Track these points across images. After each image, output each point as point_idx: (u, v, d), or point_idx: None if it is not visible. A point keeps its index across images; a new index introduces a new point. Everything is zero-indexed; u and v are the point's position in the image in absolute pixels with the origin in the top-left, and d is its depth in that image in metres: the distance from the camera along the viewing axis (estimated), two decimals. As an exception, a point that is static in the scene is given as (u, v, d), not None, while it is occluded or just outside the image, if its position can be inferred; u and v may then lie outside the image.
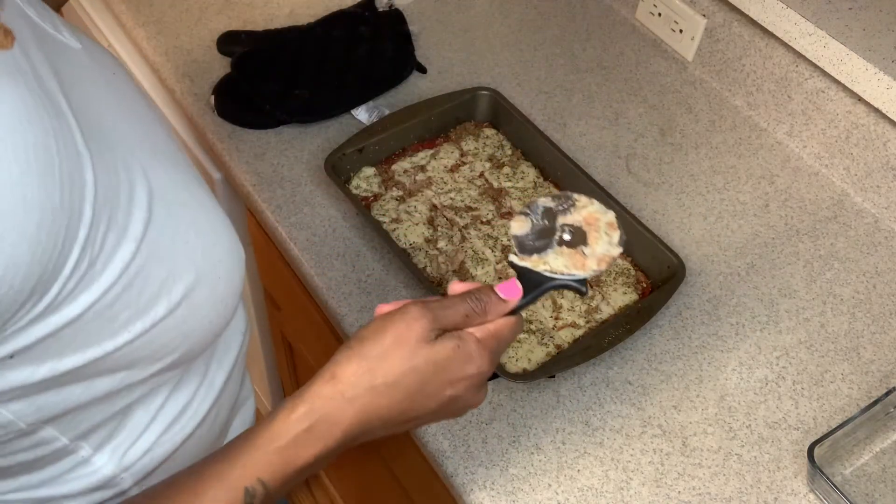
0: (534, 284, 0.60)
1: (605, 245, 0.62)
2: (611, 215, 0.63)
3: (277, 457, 0.50)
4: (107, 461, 0.58)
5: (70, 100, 0.44)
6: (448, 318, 0.54)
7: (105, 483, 0.59)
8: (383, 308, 0.55)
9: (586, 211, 0.63)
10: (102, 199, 0.43)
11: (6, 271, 0.38)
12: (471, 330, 0.55)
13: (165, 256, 0.49)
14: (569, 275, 0.61)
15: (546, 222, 0.62)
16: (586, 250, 0.62)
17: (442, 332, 0.53)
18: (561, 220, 0.62)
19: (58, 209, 0.39)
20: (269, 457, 0.50)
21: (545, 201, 0.63)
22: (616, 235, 0.62)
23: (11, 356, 0.43)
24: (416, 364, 0.52)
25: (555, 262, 0.61)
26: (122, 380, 0.53)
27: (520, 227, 0.62)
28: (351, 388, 0.51)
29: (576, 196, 0.63)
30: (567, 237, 0.62)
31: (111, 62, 0.58)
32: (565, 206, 0.63)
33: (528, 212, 0.63)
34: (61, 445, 0.55)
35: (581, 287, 0.61)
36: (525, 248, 0.61)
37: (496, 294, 0.57)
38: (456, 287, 0.57)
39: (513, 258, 0.61)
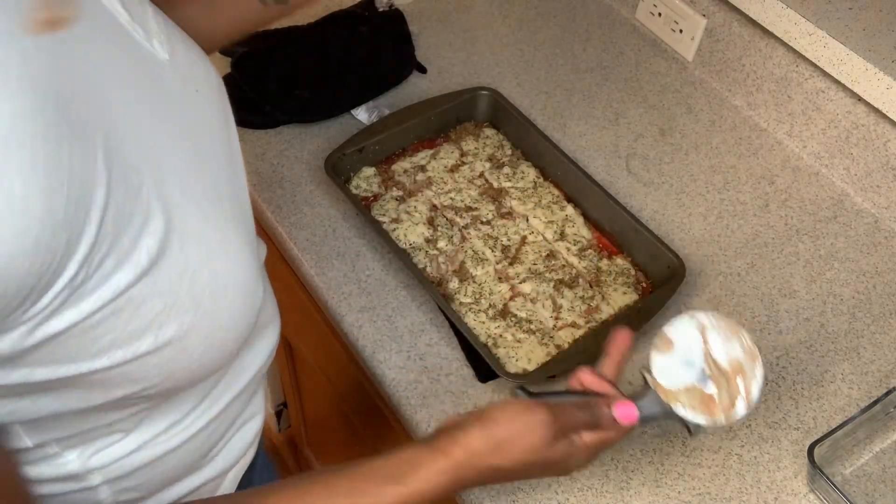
0: (656, 407, 0.62)
1: (737, 399, 0.61)
2: (759, 374, 0.62)
3: None
4: (75, 458, 0.58)
5: (114, 116, 0.43)
6: (567, 423, 0.62)
7: (71, 476, 0.59)
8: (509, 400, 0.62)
9: (738, 355, 0.62)
10: (111, 221, 0.42)
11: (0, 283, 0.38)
12: (585, 436, 0.63)
13: (166, 290, 0.48)
14: (695, 416, 0.61)
15: (694, 357, 0.62)
16: (718, 397, 0.61)
17: (560, 432, 0.61)
18: (710, 353, 0.62)
19: (60, 225, 0.39)
20: None
21: (700, 344, 0.62)
22: (754, 394, 0.61)
23: None
24: (534, 459, 0.61)
25: (687, 400, 0.61)
26: (95, 398, 0.53)
27: (663, 355, 0.63)
28: (480, 460, 0.60)
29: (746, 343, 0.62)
30: (706, 370, 0.62)
31: (200, 76, 0.57)
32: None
33: (673, 339, 0.63)
34: (24, 447, 0.54)
35: (697, 430, 0.62)
36: (664, 371, 0.62)
37: (612, 413, 0.63)
38: (584, 378, 0.65)
39: (649, 377, 0.62)
